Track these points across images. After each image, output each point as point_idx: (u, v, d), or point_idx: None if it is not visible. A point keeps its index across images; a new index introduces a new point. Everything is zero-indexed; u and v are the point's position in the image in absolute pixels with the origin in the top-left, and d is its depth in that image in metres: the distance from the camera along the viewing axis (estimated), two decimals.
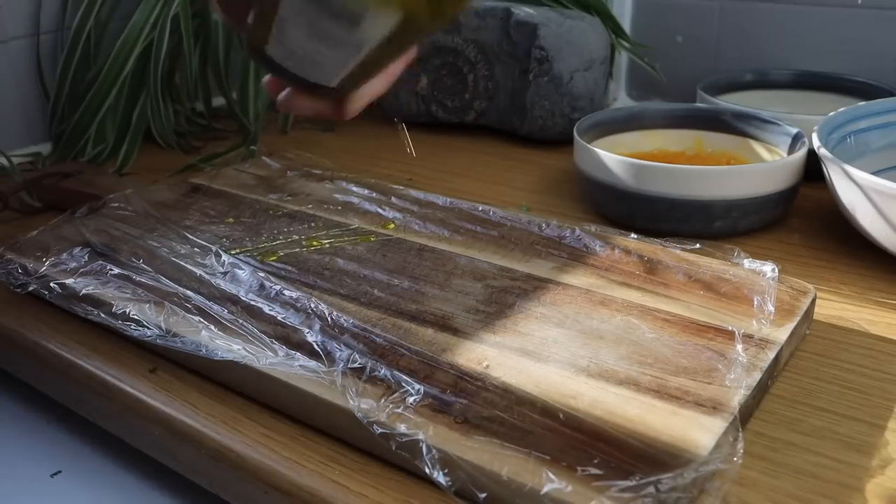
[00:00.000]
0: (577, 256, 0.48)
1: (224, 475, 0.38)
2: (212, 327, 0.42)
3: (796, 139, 0.58)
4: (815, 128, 0.55)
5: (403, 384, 0.36)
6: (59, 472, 0.45)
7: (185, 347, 0.41)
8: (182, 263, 0.48)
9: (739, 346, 0.39)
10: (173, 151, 0.77)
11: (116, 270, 0.47)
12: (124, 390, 0.42)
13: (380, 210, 0.55)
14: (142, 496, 0.43)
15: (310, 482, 0.35)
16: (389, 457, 0.35)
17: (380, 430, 0.34)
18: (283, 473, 0.36)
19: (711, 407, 0.35)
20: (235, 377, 0.40)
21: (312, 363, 0.38)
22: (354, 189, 0.59)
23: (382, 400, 0.36)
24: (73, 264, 0.48)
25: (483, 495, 0.32)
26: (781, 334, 0.40)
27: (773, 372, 0.39)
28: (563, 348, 0.39)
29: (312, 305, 0.43)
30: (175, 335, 0.41)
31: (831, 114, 0.58)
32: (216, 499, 0.39)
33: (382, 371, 0.37)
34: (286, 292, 0.44)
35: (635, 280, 0.46)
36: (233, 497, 0.38)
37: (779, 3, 0.81)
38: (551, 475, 0.31)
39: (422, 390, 0.36)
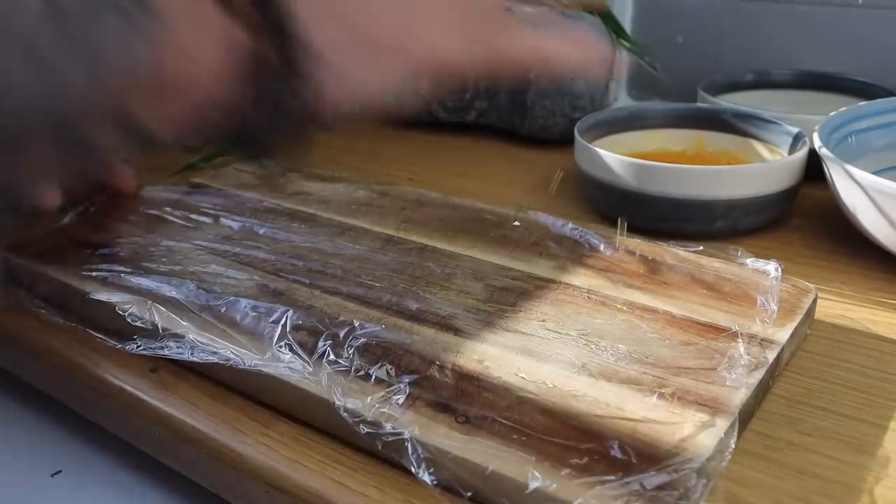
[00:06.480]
0: (578, 256, 0.48)
1: (225, 475, 0.38)
2: (203, 329, 0.41)
3: (797, 139, 0.58)
4: (817, 128, 0.55)
5: (403, 384, 0.36)
6: (59, 472, 0.45)
7: (171, 350, 0.40)
8: (181, 264, 0.48)
9: (741, 346, 0.39)
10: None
11: (117, 270, 0.47)
12: (125, 390, 0.42)
13: (380, 210, 0.55)
14: (142, 496, 0.43)
15: (311, 482, 0.35)
16: (391, 457, 0.35)
17: (378, 431, 0.34)
18: (284, 473, 0.35)
19: (712, 407, 0.35)
20: (236, 377, 0.40)
21: (311, 363, 0.38)
22: (355, 189, 0.59)
23: (381, 400, 0.35)
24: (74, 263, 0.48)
25: (482, 494, 0.32)
26: (783, 334, 0.40)
27: (774, 371, 0.39)
28: (563, 348, 0.39)
29: (312, 305, 0.43)
30: (164, 336, 0.41)
31: (832, 114, 0.58)
32: (217, 499, 0.39)
33: (381, 371, 0.37)
34: (286, 292, 0.44)
35: (636, 279, 0.45)
36: (234, 497, 0.38)
37: (779, 3, 0.81)
38: (542, 473, 0.31)
39: (421, 390, 0.36)
